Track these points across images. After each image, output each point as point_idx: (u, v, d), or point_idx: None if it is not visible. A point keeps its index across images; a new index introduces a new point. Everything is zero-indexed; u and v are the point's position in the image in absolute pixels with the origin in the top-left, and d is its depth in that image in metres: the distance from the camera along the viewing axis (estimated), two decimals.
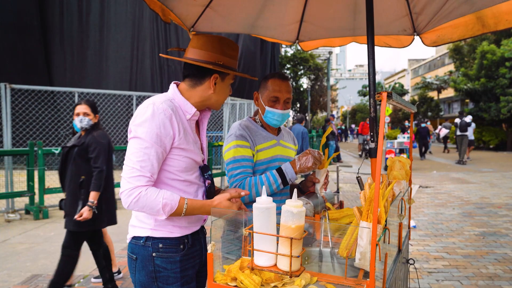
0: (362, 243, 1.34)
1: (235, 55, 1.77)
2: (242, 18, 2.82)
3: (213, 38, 1.71)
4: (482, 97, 25.77)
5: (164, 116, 1.56)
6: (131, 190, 1.51)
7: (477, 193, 9.43)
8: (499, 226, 6.35)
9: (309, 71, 32.13)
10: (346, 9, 2.80)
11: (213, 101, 1.74)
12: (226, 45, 1.71)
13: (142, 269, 1.64)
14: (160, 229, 1.64)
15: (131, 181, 1.52)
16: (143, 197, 1.51)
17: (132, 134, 1.58)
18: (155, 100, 1.60)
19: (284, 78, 2.15)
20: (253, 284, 1.30)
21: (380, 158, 1.26)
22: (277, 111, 2.10)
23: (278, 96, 2.09)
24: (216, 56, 1.68)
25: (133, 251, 1.67)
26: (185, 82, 1.73)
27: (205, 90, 1.70)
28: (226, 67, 1.70)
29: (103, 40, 14.20)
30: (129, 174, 1.53)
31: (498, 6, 2.37)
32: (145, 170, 1.53)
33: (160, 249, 1.64)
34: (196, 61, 1.67)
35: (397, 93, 36.59)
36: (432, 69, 53.44)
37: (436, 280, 4.15)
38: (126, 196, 1.51)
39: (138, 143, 1.55)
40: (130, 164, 1.54)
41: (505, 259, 4.76)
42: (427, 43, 2.93)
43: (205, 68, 1.67)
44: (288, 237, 1.23)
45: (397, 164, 2.07)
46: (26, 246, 5.20)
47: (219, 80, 1.71)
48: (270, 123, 2.15)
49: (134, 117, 1.60)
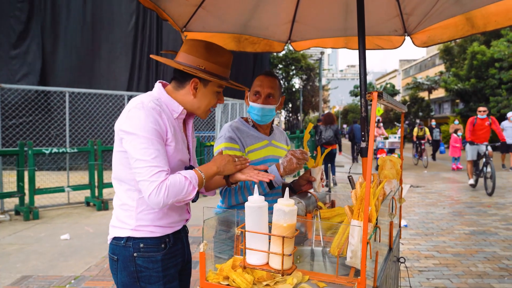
0: (353, 242, 1.36)
1: (224, 61, 1.70)
2: (235, 18, 2.83)
3: (199, 43, 1.68)
4: (472, 97, 26.07)
5: (155, 112, 1.55)
6: (158, 187, 1.46)
7: (467, 193, 9.53)
8: (488, 225, 6.42)
9: (301, 71, 32.21)
10: (337, 9, 2.82)
11: (195, 108, 1.70)
12: (213, 51, 1.67)
13: (124, 270, 1.63)
14: (141, 229, 1.62)
15: (154, 179, 1.47)
16: (171, 187, 1.48)
17: (130, 136, 1.53)
18: (143, 99, 1.58)
19: (268, 74, 2.15)
20: (245, 283, 1.31)
21: (371, 157, 1.27)
22: (256, 105, 2.09)
23: (259, 91, 2.10)
24: (198, 61, 1.64)
25: (114, 252, 1.65)
26: (171, 84, 1.72)
27: (186, 95, 1.68)
28: (209, 73, 1.65)
29: (95, 39, 14.07)
30: (149, 174, 1.48)
31: (487, 7, 2.41)
32: (162, 164, 1.50)
33: (141, 249, 1.62)
34: (178, 63, 1.65)
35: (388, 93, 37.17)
36: (423, 69, 53.86)
37: (427, 278, 4.19)
38: (156, 196, 1.46)
39: (142, 142, 1.51)
40: (144, 164, 1.49)
41: (494, 257, 4.81)
42: (417, 44, 2.97)
43: (187, 73, 1.64)
44: (280, 236, 1.24)
45: (388, 163, 2.09)
46: (16, 247, 5.15)
47: (201, 86, 1.67)
48: (253, 118, 2.15)
49: (125, 119, 1.56)
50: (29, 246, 5.21)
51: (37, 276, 4.18)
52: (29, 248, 5.11)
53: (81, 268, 4.39)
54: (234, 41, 3.02)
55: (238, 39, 3.02)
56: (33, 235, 5.73)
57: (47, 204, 7.74)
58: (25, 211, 6.71)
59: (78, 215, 7.10)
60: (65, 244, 5.29)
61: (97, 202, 7.53)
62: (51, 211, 7.38)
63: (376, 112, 32.52)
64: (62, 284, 3.97)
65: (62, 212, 7.35)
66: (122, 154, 1.60)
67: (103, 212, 7.32)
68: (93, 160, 7.81)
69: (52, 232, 5.86)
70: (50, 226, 6.27)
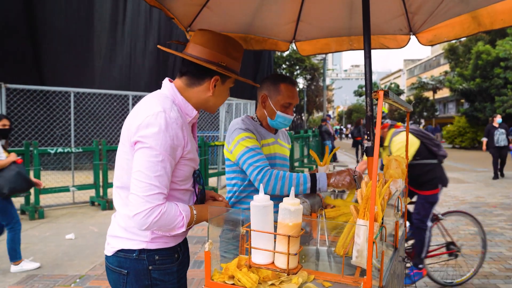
0: (359, 241, 1.35)
1: (239, 57, 1.63)
2: (239, 17, 2.82)
3: (219, 36, 1.58)
4: (477, 97, 25.92)
5: (176, 126, 1.44)
6: (151, 210, 1.37)
7: (472, 193, 9.48)
8: (494, 225, 6.39)
9: (305, 71, 32.20)
10: (342, 9, 2.80)
11: (211, 104, 1.62)
12: (231, 46, 1.59)
13: (136, 284, 1.51)
14: (156, 240, 1.51)
15: (150, 200, 1.37)
16: (164, 215, 1.39)
17: (142, 144, 1.41)
18: (164, 107, 1.45)
19: (295, 83, 2.19)
20: (250, 282, 1.30)
21: (376, 156, 1.27)
22: (289, 116, 2.13)
23: (291, 103, 2.12)
24: (220, 57, 1.55)
25: (122, 265, 1.51)
26: (181, 79, 1.58)
27: (203, 92, 1.57)
28: (229, 69, 1.57)
29: (97, 38, 14.10)
30: (146, 192, 1.37)
31: (493, 5, 2.39)
32: (163, 186, 1.40)
33: (157, 261, 1.52)
34: (198, 58, 1.52)
35: None
36: (428, 69, 53.67)
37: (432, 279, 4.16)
38: (145, 217, 1.37)
39: (153, 155, 1.39)
40: (147, 180, 1.38)
41: (500, 258, 4.78)
42: (423, 42, 2.95)
43: (206, 68, 1.53)
44: (286, 235, 1.23)
45: (393, 163, 2.08)
46: (22, 246, 5.15)
47: (219, 83, 1.57)
48: (277, 126, 2.18)
49: (141, 126, 1.42)
50: (34, 245, 5.24)
51: (42, 275, 4.20)
52: (34, 247, 5.13)
53: (85, 267, 4.41)
54: (241, 40, 3.02)
55: (245, 39, 3.02)
56: (38, 235, 5.76)
57: (52, 204, 7.78)
58: (30, 210, 6.74)
59: (83, 214, 7.13)
60: (70, 243, 5.31)
61: (102, 201, 7.56)
62: (56, 211, 7.41)
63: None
64: (67, 283, 3.99)
65: (67, 211, 7.38)
66: (131, 162, 1.47)
67: (108, 211, 7.34)
68: (97, 160, 7.84)
69: (57, 232, 5.89)
70: (55, 225, 6.30)
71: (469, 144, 26.63)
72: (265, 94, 2.13)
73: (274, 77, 2.14)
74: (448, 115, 43.05)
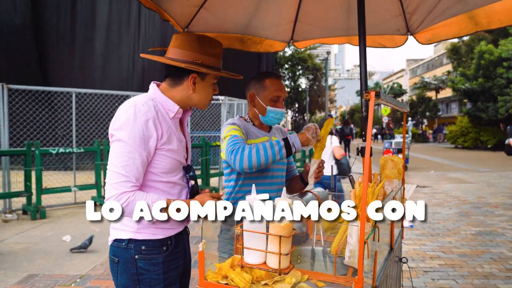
0: (351, 241, 1.36)
1: (217, 53, 1.71)
2: (237, 18, 2.83)
3: (193, 37, 1.67)
4: (480, 97, 25.84)
5: (146, 118, 1.53)
6: (118, 196, 1.48)
7: (474, 193, 9.46)
8: (495, 225, 6.37)
9: (307, 71, 32.18)
10: (339, 9, 2.81)
11: (196, 101, 1.70)
12: (206, 43, 1.67)
13: (124, 272, 1.62)
14: (143, 231, 1.60)
15: (117, 187, 1.49)
16: (132, 203, 1.48)
17: (114, 137, 1.54)
18: (136, 102, 1.56)
19: (280, 77, 2.19)
20: (243, 282, 1.31)
21: (369, 156, 1.27)
22: (279, 110, 2.13)
23: (279, 95, 2.12)
24: (195, 55, 1.63)
25: (115, 253, 1.64)
26: (165, 82, 1.70)
27: (184, 90, 1.66)
28: (206, 66, 1.65)
29: (100, 39, 14.15)
30: (114, 180, 1.49)
31: (490, 6, 2.39)
32: (130, 175, 1.50)
33: (143, 251, 1.60)
34: (173, 60, 1.63)
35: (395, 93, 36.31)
36: (430, 69, 53.53)
37: (432, 279, 4.16)
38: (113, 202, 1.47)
39: (121, 147, 1.51)
40: (115, 169, 1.50)
41: (501, 258, 4.77)
42: (422, 41, 2.95)
43: (184, 68, 1.62)
44: (277, 235, 1.24)
45: (389, 163, 2.09)
46: (23, 246, 5.20)
47: (199, 80, 1.66)
48: (271, 122, 2.17)
49: (114, 121, 1.55)
50: (35, 245, 5.26)
51: (43, 275, 4.22)
52: (36, 247, 5.15)
53: (86, 267, 4.42)
54: (238, 41, 3.02)
55: (242, 39, 3.03)
56: (39, 234, 5.78)
57: (54, 204, 7.80)
58: (32, 210, 6.77)
59: (85, 214, 7.13)
60: (71, 243, 5.33)
61: (103, 201, 7.57)
62: (58, 211, 7.44)
63: (383, 111, 32.28)
64: (68, 283, 4.01)
65: (69, 211, 7.40)
66: None
67: None
68: (99, 160, 7.86)
69: (59, 232, 5.91)
70: (56, 225, 6.33)
71: (472, 144, 26.56)
72: (253, 93, 2.14)
73: (258, 75, 2.17)
74: (450, 115, 42.94)
